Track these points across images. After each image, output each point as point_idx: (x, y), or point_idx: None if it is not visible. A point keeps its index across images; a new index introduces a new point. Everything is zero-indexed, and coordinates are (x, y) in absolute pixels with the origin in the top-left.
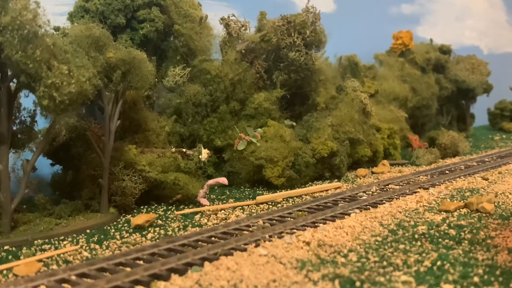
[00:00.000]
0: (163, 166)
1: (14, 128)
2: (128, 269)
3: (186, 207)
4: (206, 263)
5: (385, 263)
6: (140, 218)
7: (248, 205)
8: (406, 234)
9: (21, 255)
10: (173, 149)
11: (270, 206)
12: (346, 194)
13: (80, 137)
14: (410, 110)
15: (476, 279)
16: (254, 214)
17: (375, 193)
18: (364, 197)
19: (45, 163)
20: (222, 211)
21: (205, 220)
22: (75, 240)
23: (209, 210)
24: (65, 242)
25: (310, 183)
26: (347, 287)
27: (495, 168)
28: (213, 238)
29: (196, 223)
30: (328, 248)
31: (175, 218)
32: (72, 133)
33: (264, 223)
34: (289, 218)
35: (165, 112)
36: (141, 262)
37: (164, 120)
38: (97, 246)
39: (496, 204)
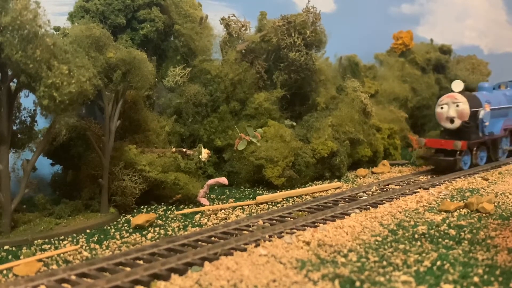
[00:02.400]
0: (163, 166)
1: (14, 128)
2: (128, 269)
3: (186, 207)
4: (206, 263)
5: (385, 263)
6: (140, 218)
7: (248, 205)
8: (406, 234)
9: (21, 255)
10: (173, 149)
11: (270, 206)
12: (346, 194)
13: (80, 137)
14: (410, 110)
15: (476, 279)
16: (254, 214)
17: (375, 193)
18: (364, 197)
19: (45, 163)
20: (222, 211)
21: (205, 220)
22: (75, 240)
23: (209, 210)
24: (65, 242)
25: (310, 183)
26: (347, 287)
27: (495, 168)
28: (213, 238)
29: (196, 223)
30: (328, 248)
31: (175, 218)
32: (72, 133)
33: (264, 223)
34: (289, 218)
35: (165, 112)
36: (141, 262)
37: (164, 120)
38: (97, 246)
39: (496, 204)
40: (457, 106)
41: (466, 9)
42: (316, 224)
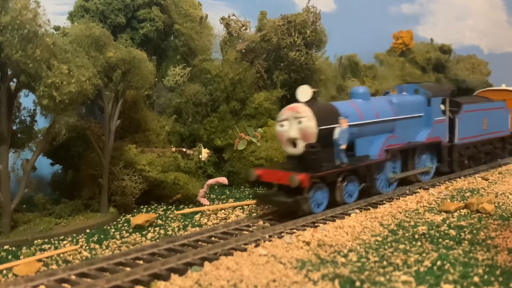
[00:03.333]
0: (163, 166)
1: (14, 127)
2: (128, 269)
3: (186, 206)
4: (206, 263)
5: (385, 263)
6: (140, 218)
7: (248, 205)
8: (406, 234)
9: (21, 254)
10: (173, 149)
11: (270, 206)
12: None
13: (80, 137)
14: None
15: (476, 279)
16: (254, 214)
17: None
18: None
19: (45, 162)
20: (222, 210)
21: (205, 220)
22: (75, 240)
23: (209, 210)
24: (65, 242)
25: None
26: (347, 287)
27: (495, 168)
28: (213, 238)
29: (196, 223)
30: (328, 248)
31: (175, 218)
32: (72, 132)
33: (264, 223)
34: (289, 219)
35: (165, 111)
36: (141, 262)
37: (164, 120)
38: (97, 246)
39: (496, 204)
40: (300, 122)
41: (466, 9)
42: (316, 224)
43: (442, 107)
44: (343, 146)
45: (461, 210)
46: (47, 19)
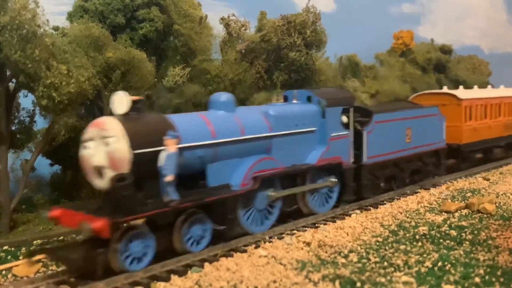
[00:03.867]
0: None
1: (13, 128)
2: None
3: None
4: (206, 264)
5: (386, 263)
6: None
7: None
8: (407, 235)
9: (20, 255)
10: None
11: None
12: None
13: (80, 137)
14: None
15: (477, 279)
16: None
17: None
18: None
19: (44, 163)
20: None
21: None
22: None
23: None
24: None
25: None
26: (347, 287)
27: (496, 168)
28: None
29: None
30: (328, 248)
31: None
32: (71, 133)
33: None
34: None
35: (165, 112)
36: None
37: None
38: None
39: (497, 204)
40: (107, 144)
41: (467, 9)
42: (316, 224)
43: (345, 118)
44: (170, 178)
45: (462, 211)
46: (46, 19)
